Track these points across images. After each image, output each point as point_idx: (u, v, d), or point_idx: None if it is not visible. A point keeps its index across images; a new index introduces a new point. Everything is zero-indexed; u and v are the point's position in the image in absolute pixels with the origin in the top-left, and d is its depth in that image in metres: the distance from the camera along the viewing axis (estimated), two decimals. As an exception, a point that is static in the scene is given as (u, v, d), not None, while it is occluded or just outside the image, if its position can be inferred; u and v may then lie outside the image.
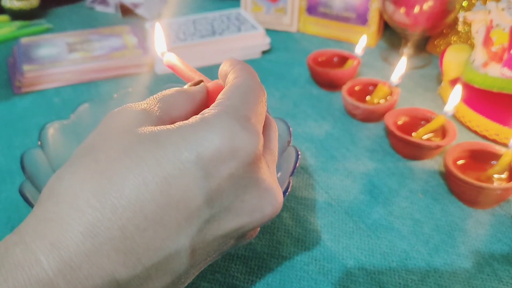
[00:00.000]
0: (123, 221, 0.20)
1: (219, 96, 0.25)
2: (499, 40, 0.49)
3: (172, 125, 0.23)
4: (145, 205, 0.20)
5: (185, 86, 0.28)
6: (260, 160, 0.23)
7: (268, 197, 0.24)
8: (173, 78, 0.63)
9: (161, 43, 0.30)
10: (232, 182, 0.22)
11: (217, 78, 0.29)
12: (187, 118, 0.24)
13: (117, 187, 0.20)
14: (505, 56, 0.49)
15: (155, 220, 0.20)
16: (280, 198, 0.24)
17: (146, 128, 0.22)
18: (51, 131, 0.40)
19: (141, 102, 0.25)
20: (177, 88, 0.27)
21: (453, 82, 0.56)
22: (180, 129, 0.22)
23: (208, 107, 0.26)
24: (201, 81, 0.29)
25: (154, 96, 0.26)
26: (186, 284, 0.24)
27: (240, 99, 0.24)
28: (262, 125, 0.25)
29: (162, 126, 0.23)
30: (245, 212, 0.23)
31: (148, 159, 0.21)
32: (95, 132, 0.23)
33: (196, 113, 0.25)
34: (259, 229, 0.27)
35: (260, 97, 0.25)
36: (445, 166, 0.42)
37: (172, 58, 0.29)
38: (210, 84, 0.29)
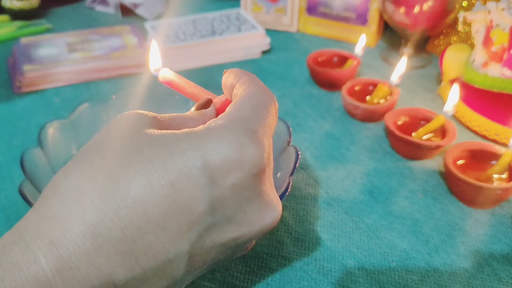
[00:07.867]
0: (125, 222, 0.20)
1: (229, 108, 0.25)
2: (499, 40, 0.49)
3: (180, 131, 0.23)
4: (148, 207, 0.20)
5: (192, 109, 0.28)
6: (264, 173, 0.23)
7: (269, 209, 0.24)
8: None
9: (156, 60, 0.28)
10: (235, 192, 0.22)
11: (216, 78, 0.29)
12: None
13: (122, 187, 0.20)
14: (505, 56, 0.49)
15: (158, 223, 0.20)
16: (279, 210, 0.25)
17: (154, 131, 0.22)
18: (51, 130, 0.40)
19: (154, 113, 0.25)
20: (190, 113, 0.27)
21: (453, 82, 0.56)
22: (188, 136, 0.22)
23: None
24: (210, 101, 0.28)
25: (167, 114, 0.26)
26: None
27: (250, 111, 0.24)
28: (271, 137, 0.25)
29: (170, 131, 0.23)
30: (245, 224, 0.23)
31: (155, 162, 0.21)
32: (103, 131, 0.23)
33: None
34: (255, 241, 0.28)
35: (271, 110, 0.25)
36: (445, 166, 0.42)
37: (168, 73, 0.27)
38: (216, 100, 0.28)
